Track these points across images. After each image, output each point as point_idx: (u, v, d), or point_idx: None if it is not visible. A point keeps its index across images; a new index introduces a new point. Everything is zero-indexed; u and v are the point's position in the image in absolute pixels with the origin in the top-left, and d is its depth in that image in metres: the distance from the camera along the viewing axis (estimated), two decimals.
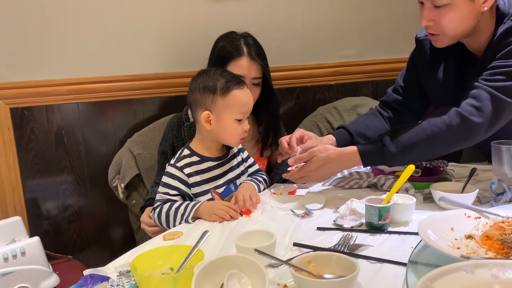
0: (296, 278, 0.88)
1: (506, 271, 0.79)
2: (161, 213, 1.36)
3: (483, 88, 1.33)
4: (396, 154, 1.35)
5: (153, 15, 1.99)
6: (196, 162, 1.43)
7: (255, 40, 1.72)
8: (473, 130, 1.32)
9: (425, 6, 1.38)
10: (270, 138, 1.79)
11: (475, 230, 1.03)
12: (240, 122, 1.41)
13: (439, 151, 1.38)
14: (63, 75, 1.93)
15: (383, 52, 2.37)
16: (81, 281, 0.97)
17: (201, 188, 1.42)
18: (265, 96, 1.75)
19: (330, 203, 1.37)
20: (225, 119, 1.40)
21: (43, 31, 1.87)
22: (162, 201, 1.38)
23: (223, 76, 1.41)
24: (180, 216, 1.34)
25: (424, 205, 1.33)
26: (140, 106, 2.05)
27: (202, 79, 1.42)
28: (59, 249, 1.87)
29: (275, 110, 1.82)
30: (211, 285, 0.87)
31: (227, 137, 1.43)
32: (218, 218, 1.30)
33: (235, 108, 1.39)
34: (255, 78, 1.68)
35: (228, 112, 1.39)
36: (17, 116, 1.89)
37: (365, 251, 1.07)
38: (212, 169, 1.45)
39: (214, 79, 1.40)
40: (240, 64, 1.65)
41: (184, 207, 1.34)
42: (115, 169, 1.93)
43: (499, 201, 1.28)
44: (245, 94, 1.41)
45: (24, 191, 1.94)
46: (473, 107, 1.31)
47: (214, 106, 1.39)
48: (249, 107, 1.43)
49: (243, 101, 1.41)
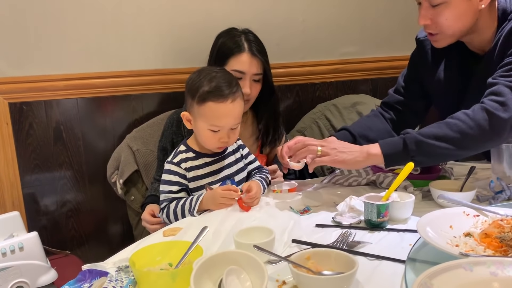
0: (295, 274, 0.88)
1: (504, 268, 0.80)
2: (169, 213, 1.37)
3: (503, 83, 1.29)
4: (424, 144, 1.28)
5: (152, 11, 1.98)
6: (191, 157, 1.43)
7: (255, 36, 1.71)
8: (501, 125, 1.26)
9: (423, 5, 1.39)
10: (270, 136, 1.79)
11: (474, 228, 1.03)
12: (215, 133, 1.36)
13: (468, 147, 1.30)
14: (62, 70, 1.92)
15: (382, 50, 2.37)
16: (80, 276, 0.97)
17: (197, 183, 1.42)
18: (265, 93, 1.75)
19: (329, 201, 1.37)
20: (199, 126, 1.38)
21: (42, 25, 1.86)
22: (168, 201, 1.39)
23: (208, 83, 1.35)
24: (187, 211, 1.35)
25: (423, 203, 1.33)
26: (139, 102, 2.04)
27: (193, 78, 1.40)
28: (57, 245, 1.87)
29: (275, 107, 1.81)
30: (210, 281, 0.87)
31: (203, 143, 1.42)
32: (225, 205, 1.33)
33: (208, 120, 1.35)
34: (256, 74, 1.67)
35: (201, 121, 1.37)
36: (15, 111, 1.89)
37: (364, 248, 1.07)
38: (208, 165, 1.44)
39: (199, 84, 1.36)
40: (240, 60, 1.64)
41: (188, 202, 1.36)
42: (114, 165, 1.93)
43: (497, 199, 1.28)
44: (222, 109, 1.34)
45: (23, 186, 1.94)
46: (497, 102, 1.27)
47: (191, 110, 1.39)
48: (226, 122, 1.36)
49: (217, 115, 1.34)
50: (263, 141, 1.80)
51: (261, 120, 1.79)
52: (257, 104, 1.75)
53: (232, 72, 1.59)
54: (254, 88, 1.67)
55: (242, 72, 1.63)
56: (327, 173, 2.05)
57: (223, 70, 1.46)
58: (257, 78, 1.69)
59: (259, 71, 1.68)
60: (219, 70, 1.42)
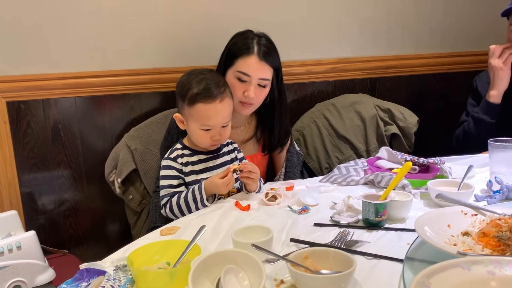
0: (293, 273, 0.88)
1: (502, 267, 0.80)
2: (172, 207, 1.41)
3: None
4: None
5: (151, 10, 1.98)
6: (187, 154, 1.47)
7: (269, 42, 1.65)
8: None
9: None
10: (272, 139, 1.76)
11: (471, 227, 1.03)
12: (207, 132, 1.42)
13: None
14: (60, 69, 1.91)
15: (381, 49, 2.37)
16: (77, 275, 0.97)
17: (193, 178, 1.46)
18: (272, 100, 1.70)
19: (327, 200, 1.37)
20: (191, 126, 1.44)
21: (40, 24, 1.86)
22: (170, 195, 1.43)
23: (197, 85, 1.40)
24: (193, 202, 1.38)
25: (421, 202, 1.33)
26: (137, 101, 2.04)
27: (182, 81, 1.44)
28: (55, 244, 1.87)
29: (281, 113, 1.74)
30: (208, 280, 0.87)
31: (196, 142, 1.47)
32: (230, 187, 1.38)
33: (199, 120, 1.40)
34: (262, 79, 1.61)
35: (192, 121, 1.42)
36: (13, 110, 1.88)
37: (362, 247, 1.07)
38: (203, 161, 1.48)
39: (188, 86, 1.41)
40: (247, 63, 1.59)
41: (191, 194, 1.39)
42: (112, 164, 1.93)
43: (495, 198, 1.28)
44: (211, 109, 1.39)
45: (20, 185, 1.93)
46: None
47: (182, 112, 1.45)
48: (216, 121, 1.40)
49: (207, 115, 1.39)
50: (264, 143, 1.78)
51: (264, 123, 1.76)
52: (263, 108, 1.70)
53: (238, 73, 1.58)
54: (259, 93, 1.62)
55: (247, 75, 1.59)
56: (325, 172, 2.05)
57: (211, 71, 1.50)
58: (264, 84, 1.62)
59: (266, 77, 1.62)
60: (207, 72, 1.47)
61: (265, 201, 1.37)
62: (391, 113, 2.18)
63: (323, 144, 2.14)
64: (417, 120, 2.18)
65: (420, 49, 2.43)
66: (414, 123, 2.17)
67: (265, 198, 1.38)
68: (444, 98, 2.51)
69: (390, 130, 2.17)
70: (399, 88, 2.43)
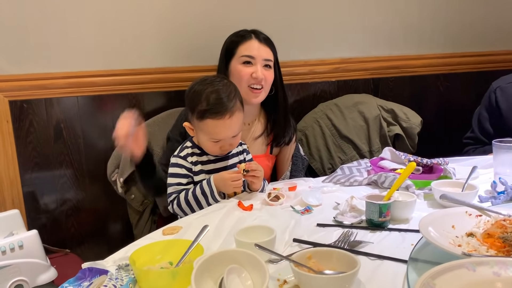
0: (296, 274, 0.87)
1: (508, 269, 0.79)
2: (180, 203, 1.40)
3: None
4: None
5: (153, 9, 1.98)
6: (197, 153, 1.47)
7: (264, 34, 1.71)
8: None
9: None
10: (279, 137, 1.78)
11: (476, 228, 1.03)
12: (216, 142, 1.41)
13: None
14: (63, 68, 1.91)
15: (384, 49, 2.36)
16: (80, 274, 0.96)
17: (202, 177, 1.45)
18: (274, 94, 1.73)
19: (330, 200, 1.36)
20: (200, 137, 1.43)
21: (43, 23, 1.86)
22: (177, 192, 1.43)
23: (207, 99, 1.36)
24: (202, 197, 1.37)
25: (425, 203, 1.33)
26: (140, 101, 2.03)
27: (192, 91, 1.40)
28: (57, 243, 1.86)
29: (284, 108, 1.78)
30: (211, 280, 0.86)
31: (206, 150, 1.46)
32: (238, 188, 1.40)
33: (208, 134, 1.40)
34: (266, 59, 1.65)
35: (202, 134, 1.41)
36: (16, 109, 1.88)
37: (365, 248, 1.06)
38: (212, 162, 1.47)
39: (198, 98, 1.37)
40: (249, 46, 1.64)
41: (199, 189, 1.39)
42: (114, 163, 1.92)
43: (499, 199, 1.28)
44: (220, 125, 1.37)
45: (23, 184, 1.93)
46: None
47: (192, 122, 1.43)
48: (225, 135, 1.39)
49: (216, 131, 1.38)
50: (272, 142, 1.79)
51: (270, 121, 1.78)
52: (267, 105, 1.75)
53: (242, 58, 1.61)
54: (267, 74, 1.65)
55: (252, 57, 1.63)
56: (328, 172, 2.05)
57: (223, 79, 1.45)
58: (269, 64, 1.66)
59: (270, 57, 1.66)
60: (219, 81, 1.41)
61: (268, 201, 1.37)
62: (394, 114, 2.18)
63: (326, 144, 2.13)
64: (420, 120, 2.18)
65: (423, 50, 2.42)
66: (417, 124, 2.16)
67: (268, 198, 1.38)
68: (447, 98, 2.50)
69: (393, 130, 2.16)
70: (402, 88, 2.43)
